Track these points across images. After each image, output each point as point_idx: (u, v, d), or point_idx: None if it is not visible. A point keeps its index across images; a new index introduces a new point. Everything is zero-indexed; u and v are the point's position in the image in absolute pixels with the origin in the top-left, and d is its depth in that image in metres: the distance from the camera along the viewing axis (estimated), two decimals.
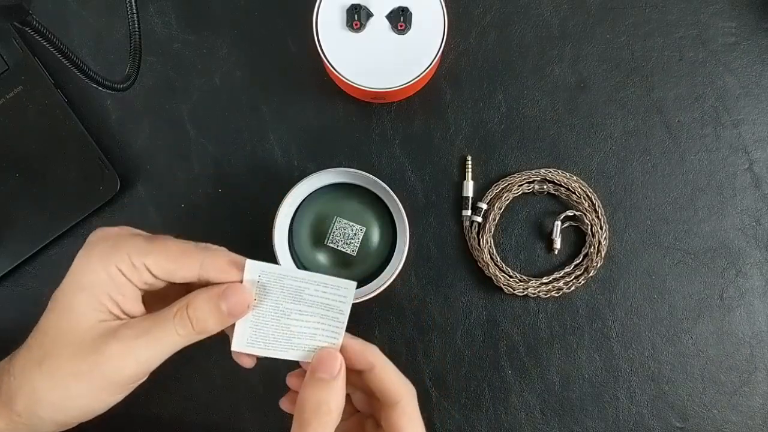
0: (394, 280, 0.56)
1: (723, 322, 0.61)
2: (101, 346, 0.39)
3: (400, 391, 0.42)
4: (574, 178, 0.61)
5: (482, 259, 0.60)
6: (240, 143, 0.62)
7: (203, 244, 0.42)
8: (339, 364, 0.41)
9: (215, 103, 0.62)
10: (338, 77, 0.57)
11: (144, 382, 0.44)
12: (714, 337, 0.61)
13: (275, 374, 0.61)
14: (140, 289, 0.42)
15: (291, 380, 0.45)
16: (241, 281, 0.42)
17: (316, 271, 0.56)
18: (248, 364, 0.45)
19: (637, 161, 0.62)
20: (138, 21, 0.51)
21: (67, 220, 0.60)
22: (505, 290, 0.60)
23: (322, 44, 0.57)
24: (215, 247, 0.43)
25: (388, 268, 0.57)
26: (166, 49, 0.63)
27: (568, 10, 0.63)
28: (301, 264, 0.57)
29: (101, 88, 0.49)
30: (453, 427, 0.60)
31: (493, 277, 0.60)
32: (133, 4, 0.51)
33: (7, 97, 0.60)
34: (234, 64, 0.63)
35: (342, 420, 0.41)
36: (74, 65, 0.46)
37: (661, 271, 0.61)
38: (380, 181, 0.56)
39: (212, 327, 0.41)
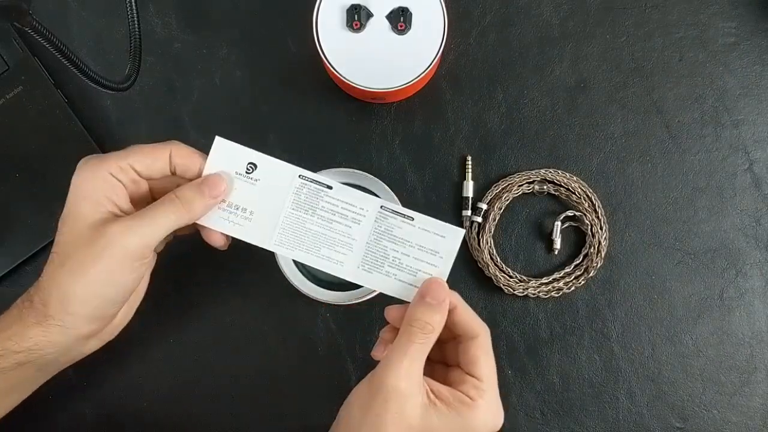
0: None
1: (723, 322, 0.61)
2: (106, 230, 0.46)
3: (478, 327, 0.48)
4: (574, 178, 0.61)
5: (482, 259, 0.60)
6: (240, 143, 0.62)
7: (169, 141, 0.50)
8: (445, 294, 0.48)
9: (215, 103, 0.62)
10: (338, 77, 0.57)
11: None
12: (714, 338, 0.61)
13: (275, 379, 0.61)
14: (128, 189, 0.49)
15: (390, 313, 0.50)
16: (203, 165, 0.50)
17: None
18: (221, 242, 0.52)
19: (637, 161, 0.62)
20: (138, 21, 0.51)
21: None
22: (505, 290, 0.60)
23: (322, 44, 0.57)
24: (176, 142, 0.51)
25: None
26: (166, 49, 0.63)
27: (568, 11, 0.63)
28: (302, 265, 0.57)
29: (101, 88, 0.49)
30: None
31: (493, 278, 0.60)
32: (133, 4, 0.51)
33: (7, 97, 0.60)
34: (234, 64, 0.63)
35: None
36: (74, 65, 0.46)
37: (661, 272, 0.61)
38: (380, 181, 0.56)
39: (198, 207, 0.49)
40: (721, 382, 0.61)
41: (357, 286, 0.56)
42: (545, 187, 0.61)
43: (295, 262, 0.57)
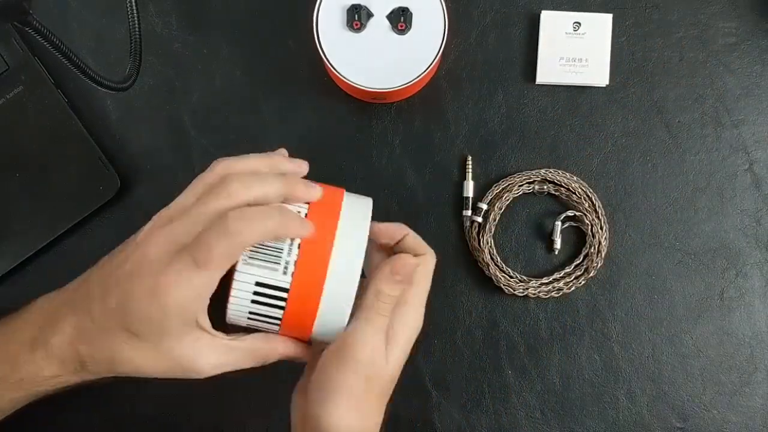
0: None
1: (723, 322, 0.61)
2: (195, 363, 0.45)
3: (425, 249, 0.49)
4: (575, 178, 0.61)
5: (482, 259, 0.61)
6: (240, 143, 0.62)
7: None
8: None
9: (215, 103, 0.62)
10: (338, 77, 0.57)
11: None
12: (714, 338, 0.61)
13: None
14: None
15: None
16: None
17: None
18: None
19: (637, 161, 0.62)
20: (138, 21, 0.51)
21: (67, 220, 0.60)
22: (505, 290, 0.60)
23: (322, 44, 0.57)
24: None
25: None
26: (166, 49, 0.63)
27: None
28: None
29: (101, 88, 0.49)
30: (453, 427, 0.60)
31: (493, 278, 0.60)
32: (133, 4, 0.51)
33: (7, 97, 0.60)
34: (234, 64, 0.63)
35: None
36: (74, 65, 0.46)
37: (661, 272, 0.61)
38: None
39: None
40: (721, 382, 0.61)
41: None
42: (545, 187, 0.61)
43: None
